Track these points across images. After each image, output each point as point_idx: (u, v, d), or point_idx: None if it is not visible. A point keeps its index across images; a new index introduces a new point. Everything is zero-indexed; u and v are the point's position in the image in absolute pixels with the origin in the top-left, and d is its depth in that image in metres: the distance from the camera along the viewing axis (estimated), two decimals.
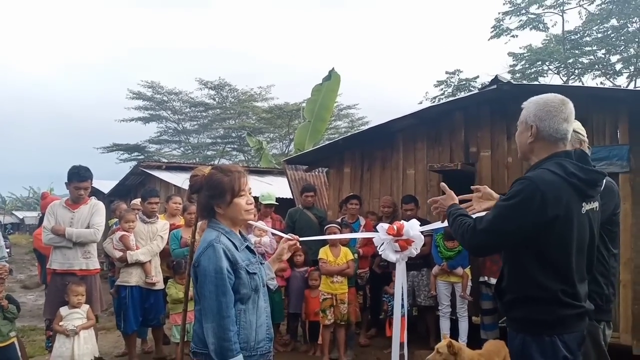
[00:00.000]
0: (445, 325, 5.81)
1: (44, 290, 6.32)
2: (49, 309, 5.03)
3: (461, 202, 2.59)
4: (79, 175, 4.96)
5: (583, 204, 2.19)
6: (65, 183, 5.09)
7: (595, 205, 2.28)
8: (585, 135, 3.03)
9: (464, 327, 5.74)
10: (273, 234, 5.39)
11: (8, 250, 18.29)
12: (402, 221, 3.31)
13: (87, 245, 4.99)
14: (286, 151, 27.08)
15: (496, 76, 5.67)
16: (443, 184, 2.66)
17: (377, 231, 3.52)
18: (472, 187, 2.76)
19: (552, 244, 2.12)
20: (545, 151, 2.26)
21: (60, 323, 4.71)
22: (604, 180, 2.83)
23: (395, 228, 3.33)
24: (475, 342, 5.27)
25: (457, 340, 5.57)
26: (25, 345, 6.04)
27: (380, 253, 3.53)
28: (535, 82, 17.99)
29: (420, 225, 3.60)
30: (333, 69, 14.13)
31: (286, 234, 6.57)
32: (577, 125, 3.02)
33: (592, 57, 21.07)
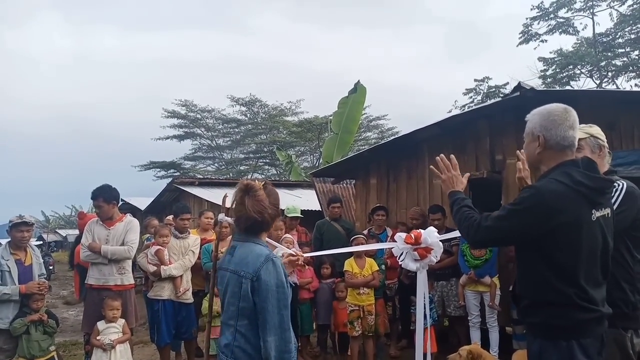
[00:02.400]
0: (475, 336, 5.73)
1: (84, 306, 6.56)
2: (87, 323, 5.22)
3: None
4: (92, 195, 5.23)
5: (593, 211, 2.20)
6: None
7: (606, 211, 2.28)
8: (605, 140, 3.01)
9: (494, 337, 5.65)
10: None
11: (51, 267, 18.85)
12: (420, 230, 3.33)
13: (122, 261, 5.18)
14: (317, 164, 27.24)
15: (519, 83, 5.63)
16: (441, 157, 2.73)
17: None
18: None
19: (560, 248, 2.14)
20: (554, 160, 2.29)
21: (98, 337, 4.88)
22: (624, 186, 2.81)
23: (413, 237, 3.35)
24: (508, 352, 5.19)
25: (488, 351, 5.53)
26: (67, 359, 6.28)
27: (400, 263, 3.56)
28: (567, 87, 17.64)
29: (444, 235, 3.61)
30: (359, 81, 14.29)
31: (315, 245, 6.64)
32: (596, 130, 3.00)
33: (625, 58, 20.54)
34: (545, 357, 2.17)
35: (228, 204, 5.29)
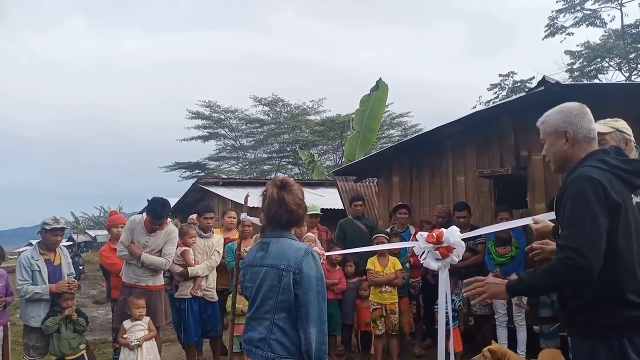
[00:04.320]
0: (502, 335, 5.66)
1: (110, 305, 6.67)
2: (118, 318, 5.28)
3: None
4: (155, 214, 5.07)
5: (632, 196, 2.16)
6: (146, 212, 5.20)
7: None
8: (632, 134, 2.94)
9: (522, 336, 5.57)
10: None
11: (81, 267, 19.31)
12: (442, 229, 3.29)
13: None
14: (339, 162, 27.25)
15: (544, 77, 5.54)
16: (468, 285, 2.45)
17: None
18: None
19: (619, 231, 2.06)
20: (583, 152, 2.25)
21: (124, 335, 4.97)
22: None
23: (435, 236, 3.31)
24: (536, 352, 5.10)
25: (515, 350, 5.44)
26: (97, 357, 6.39)
27: (422, 262, 3.53)
28: (595, 81, 17.24)
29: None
30: (380, 78, 14.19)
31: (338, 244, 6.63)
32: (622, 124, 2.94)
33: None
34: (595, 358, 2.08)
35: (250, 204, 5.35)
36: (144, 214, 5.33)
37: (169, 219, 5.54)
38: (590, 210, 2.03)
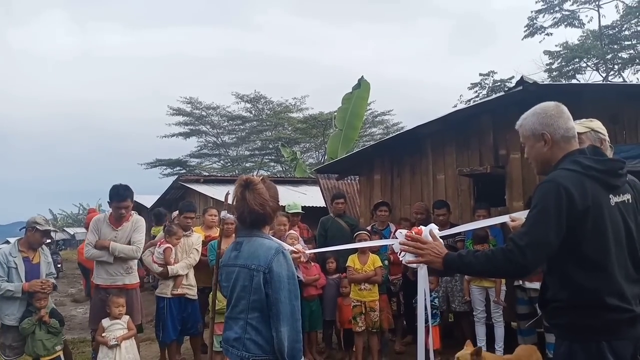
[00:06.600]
0: (481, 331, 5.73)
1: (89, 304, 6.60)
2: (94, 320, 5.24)
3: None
4: (118, 195, 5.11)
5: (610, 196, 2.12)
6: (108, 202, 5.27)
7: (626, 197, 2.19)
8: (606, 134, 2.99)
9: (499, 333, 5.65)
10: None
11: (59, 265, 18.95)
12: (421, 226, 3.30)
13: (128, 260, 5.20)
14: (322, 160, 27.28)
15: (522, 77, 5.63)
16: (406, 238, 2.55)
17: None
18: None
19: (589, 237, 2.05)
20: (562, 152, 2.23)
21: (103, 334, 4.91)
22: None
23: (414, 233, 3.32)
24: (513, 348, 5.18)
25: (493, 346, 5.53)
26: (75, 356, 6.32)
27: (401, 259, 3.54)
28: (573, 81, 17.53)
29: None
30: (362, 77, 14.25)
31: (319, 242, 6.61)
32: (597, 124, 2.98)
33: (632, 51, 20.43)
34: None
35: (231, 201, 5.34)
36: (107, 212, 5.37)
37: (134, 212, 5.53)
38: (545, 215, 2.05)
